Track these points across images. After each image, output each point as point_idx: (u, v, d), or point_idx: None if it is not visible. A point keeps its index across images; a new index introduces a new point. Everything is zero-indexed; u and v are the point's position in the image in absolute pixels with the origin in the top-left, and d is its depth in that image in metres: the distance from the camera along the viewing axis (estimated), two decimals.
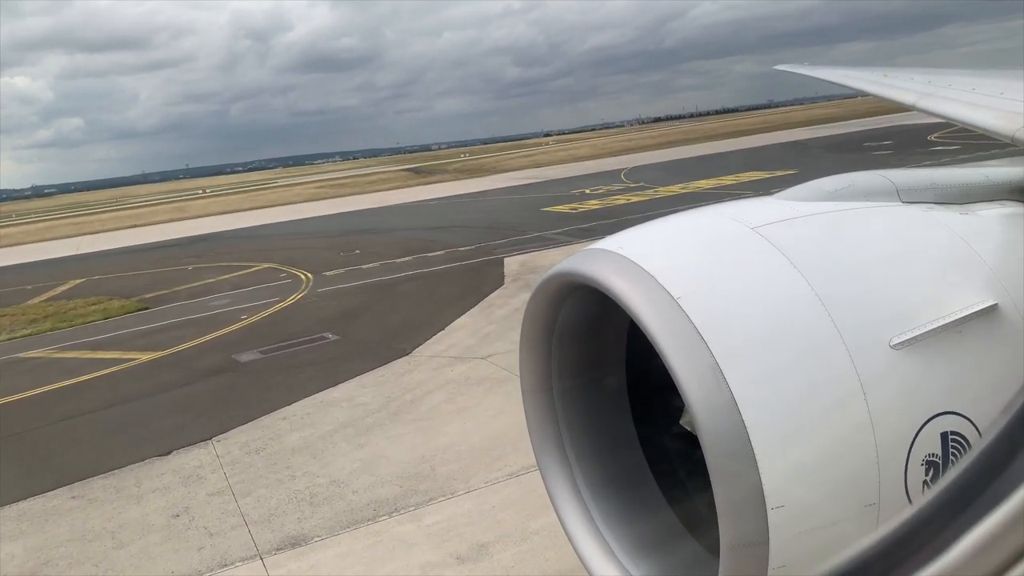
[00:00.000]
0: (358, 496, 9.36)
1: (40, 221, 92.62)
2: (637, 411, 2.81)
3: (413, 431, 11.19)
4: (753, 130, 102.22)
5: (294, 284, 24.78)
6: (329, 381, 13.92)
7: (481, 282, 21.29)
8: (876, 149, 50.11)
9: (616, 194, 41.23)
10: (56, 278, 33.80)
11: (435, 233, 33.52)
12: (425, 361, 14.54)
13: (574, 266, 2.30)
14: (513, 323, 16.42)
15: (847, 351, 2.02)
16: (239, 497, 9.71)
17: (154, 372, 16.14)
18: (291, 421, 12.21)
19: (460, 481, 9.41)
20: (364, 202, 59.25)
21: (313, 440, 11.31)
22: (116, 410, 13.84)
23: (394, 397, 12.71)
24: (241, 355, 16.53)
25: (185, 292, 25.90)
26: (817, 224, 2.38)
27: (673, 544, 2.61)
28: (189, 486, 10.25)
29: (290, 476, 10.17)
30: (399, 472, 9.86)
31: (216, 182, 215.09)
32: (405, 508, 8.91)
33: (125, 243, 48.50)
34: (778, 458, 1.91)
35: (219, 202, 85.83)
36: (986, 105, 3.58)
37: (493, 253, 25.96)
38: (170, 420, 12.95)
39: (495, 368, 13.56)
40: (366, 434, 11.28)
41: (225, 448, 11.41)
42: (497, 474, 9.46)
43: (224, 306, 22.40)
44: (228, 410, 13.08)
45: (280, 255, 32.27)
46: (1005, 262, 2.32)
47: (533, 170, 74.07)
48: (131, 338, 19.85)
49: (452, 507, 8.81)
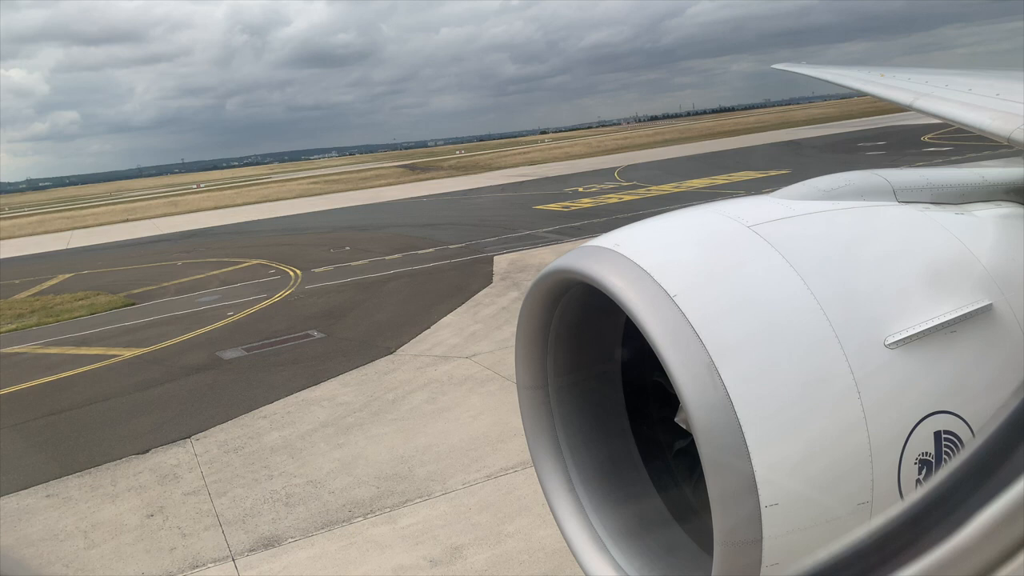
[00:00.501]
0: (334, 497, 9.28)
1: (33, 215, 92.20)
2: (632, 408, 2.81)
3: (393, 431, 11.11)
4: (749, 129, 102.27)
5: (282, 280, 24.66)
6: (312, 379, 13.84)
7: (469, 280, 21.22)
8: (869, 149, 50.16)
9: (608, 192, 41.15)
10: (45, 272, 33.61)
11: (426, 230, 33.42)
12: (409, 360, 14.46)
13: (570, 263, 2.29)
14: (500, 322, 16.39)
15: (842, 350, 2.02)
16: (215, 497, 9.63)
17: (137, 369, 16.02)
18: (271, 420, 12.12)
19: (437, 482, 9.34)
20: (357, 198, 59.07)
21: (292, 439, 11.23)
22: (96, 407, 13.72)
23: (376, 396, 12.63)
24: (225, 352, 16.42)
25: (173, 288, 25.76)
26: (813, 223, 2.38)
27: (667, 542, 2.61)
28: (165, 485, 10.16)
29: (267, 476, 10.09)
30: (377, 472, 9.79)
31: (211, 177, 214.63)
32: (381, 509, 8.84)
33: (116, 238, 48.29)
34: (772, 456, 1.92)
35: (212, 197, 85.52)
36: (983, 106, 3.57)
37: (483, 251, 25.88)
38: (150, 418, 12.85)
39: (478, 368, 13.49)
40: (346, 434, 11.20)
41: (203, 447, 11.32)
42: (475, 475, 9.40)
43: (211, 302, 22.28)
44: (209, 408, 12.99)
45: (270, 251, 32.13)
46: (1000, 263, 2.32)
47: (527, 167, 73.96)
48: (116, 334, 19.71)
49: (428, 509, 8.74)
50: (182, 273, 28.78)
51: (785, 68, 7.84)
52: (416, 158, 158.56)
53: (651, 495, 2.73)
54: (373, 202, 54.13)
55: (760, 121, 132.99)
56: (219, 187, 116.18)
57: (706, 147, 74.27)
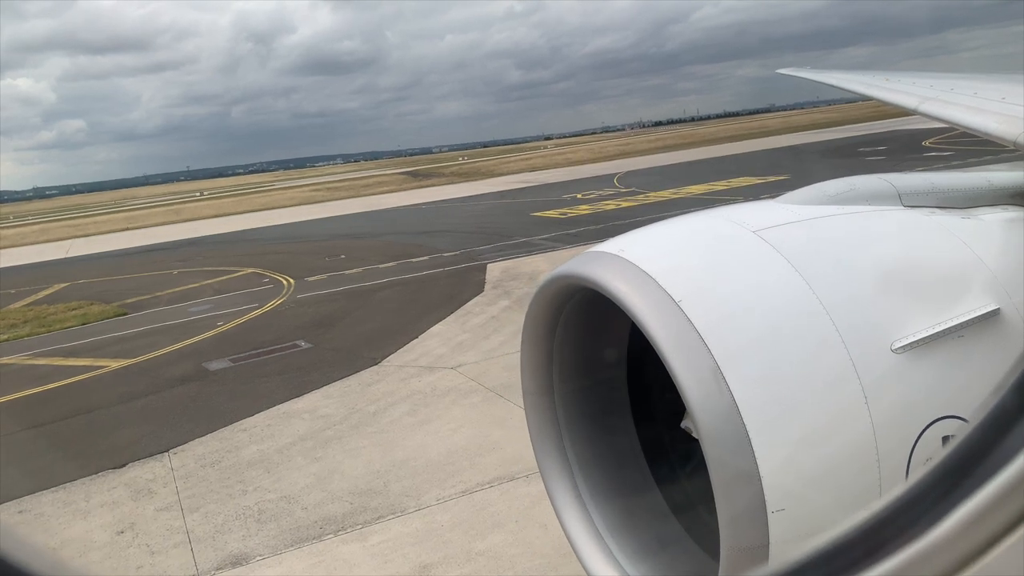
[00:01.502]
0: (307, 513, 9.13)
1: (36, 223, 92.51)
2: (638, 414, 2.78)
3: (372, 444, 10.96)
4: (751, 134, 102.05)
5: (275, 290, 24.57)
6: (295, 391, 13.70)
7: (461, 289, 21.08)
8: (870, 154, 49.90)
9: (607, 199, 41.01)
10: (42, 282, 33.58)
11: (423, 238, 33.32)
12: (394, 371, 14.31)
13: (575, 269, 2.29)
14: (487, 331, 16.25)
15: (848, 355, 2.00)
16: (187, 513, 9.49)
17: (123, 380, 15.91)
18: (251, 433, 11.99)
19: (412, 498, 9.18)
20: (357, 206, 59.08)
21: (270, 453, 11.09)
22: (78, 420, 13.61)
23: (357, 408, 12.48)
24: (211, 363, 16.31)
25: (166, 297, 25.70)
26: (819, 228, 2.36)
27: (673, 547, 2.60)
28: (139, 501, 10.02)
29: (242, 491, 9.95)
30: (352, 488, 9.64)
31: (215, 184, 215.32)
32: (352, 526, 8.69)
33: (115, 246, 48.32)
34: (779, 461, 1.90)
35: (213, 205, 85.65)
36: (988, 110, 3.58)
37: (477, 259, 25.75)
38: (130, 431, 12.73)
39: (463, 379, 13.33)
40: (324, 447, 11.05)
41: (181, 461, 11.19)
42: (450, 491, 9.23)
43: (203, 312, 22.19)
44: (190, 420, 12.86)
45: (266, 260, 32.06)
46: (1007, 267, 2.30)
47: (529, 174, 73.91)
48: (106, 344, 19.63)
49: (400, 526, 8.58)
50: (177, 282, 28.72)
51: (790, 73, 7.91)
52: (419, 165, 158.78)
53: (657, 501, 2.70)
54: (372, 209, 54.10)
55: (763, 126, 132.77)
56: (221, 195, 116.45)
57: (707, 152, 74.13)
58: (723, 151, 73.16)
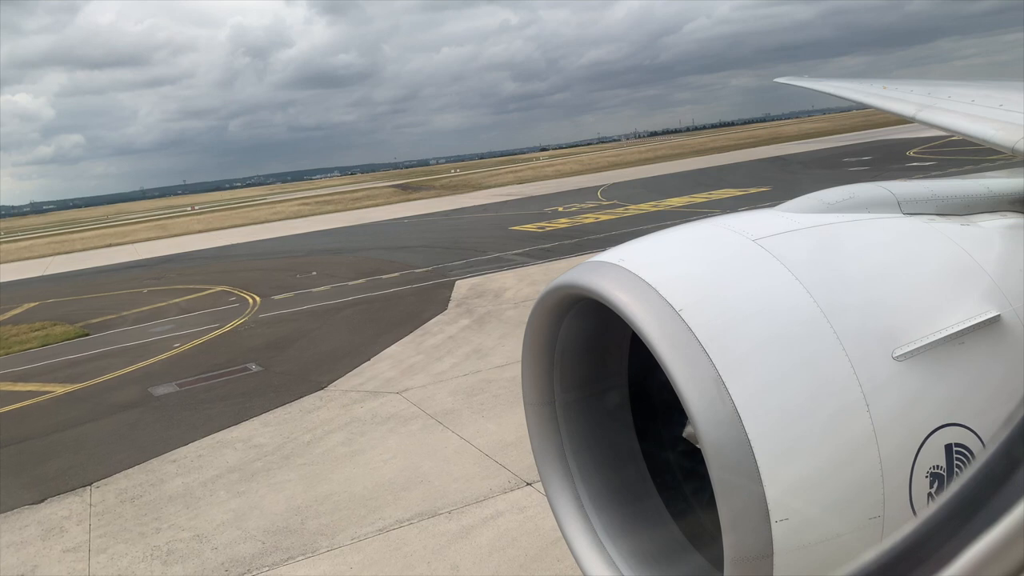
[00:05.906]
0: (216, 554, 8.71)
1: (24, 239, 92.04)
2: (640, 423, 2.78)
3: (298, 478, 10.54)
4: (741, 145, 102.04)
5: (239, 308, 24.16)
6: (234, 418, 13.29)
7: (424, 307, 20.72)
8: (854, 165, 49.73)
9: (587, 212, 40.70)
10: (12, 301, 33.14)
11: (397, 253, 32.97)
12: (337, 396, 13.90)
13: (575, 278, 2.27)
14: (441, 353, 15.87)
15: (849, 363, 1.99)
16: (93, 554, 9.06)
17: (64, 407, 15.48)
18: (179, 464, 11.56)
19: (326, 537, 8.77)
20: (342, 220, 58.72)
21: (194, 487, 10.66)
22: (8, 451, 13.16)
23: (292, 437, 12.07)
24: (158, 388, 15.88)
25: (132, 317, 25.28)
26: (818, 236, 2.35)
27: (676, 557, 2.59)
28: (48, 540, 9.59)
29: (155, 529, 9.52)
30: (267, 526, 9.22)
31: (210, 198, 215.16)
32: (259, 568, 8.28)
33: (96, 263, 47.85)
34: (781, 470, 1.89)
35: (202, 220, 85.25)
36: (986, 117, 3.59)
37: (447, 275, 25.40)
38: (58, 462, 12.29)
39: (406, 404, 12.94)
40: (249, 480, 10.63)
41: (101, 495, 10.75)
42: (367, 529, 8.82)
43: (163, 332, 21.78)
44: (121, 451, 12.44)
45: (237, 277, 31.67)
46: (1007, 273, 2.30)
47: (516, 186, 73.69)
48: (59, 368, 19.20)
49: (308, 568, 8.17)
50: (145, 301, 28.33)
51: (787, 82, 7.73)
52: (413, 177, 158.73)
53: (660, 511, 2.70)
54: (357, 223, 53.78)
55: (752, 136, 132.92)
56: (212, 209, 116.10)
57: (696, 164, 73.99)
58: (711, 162, 73.01)
